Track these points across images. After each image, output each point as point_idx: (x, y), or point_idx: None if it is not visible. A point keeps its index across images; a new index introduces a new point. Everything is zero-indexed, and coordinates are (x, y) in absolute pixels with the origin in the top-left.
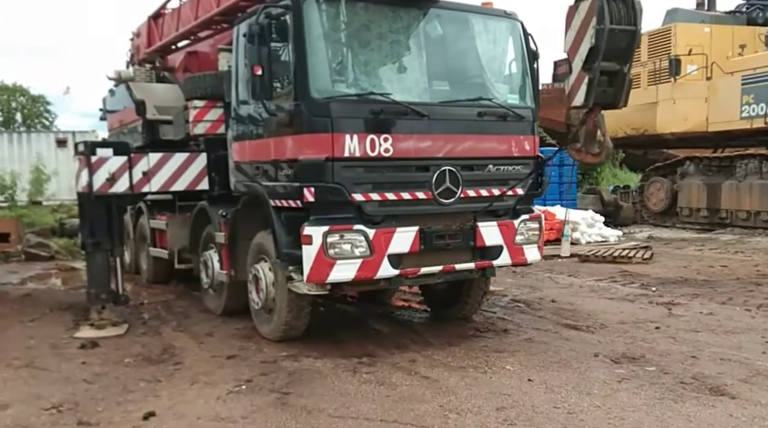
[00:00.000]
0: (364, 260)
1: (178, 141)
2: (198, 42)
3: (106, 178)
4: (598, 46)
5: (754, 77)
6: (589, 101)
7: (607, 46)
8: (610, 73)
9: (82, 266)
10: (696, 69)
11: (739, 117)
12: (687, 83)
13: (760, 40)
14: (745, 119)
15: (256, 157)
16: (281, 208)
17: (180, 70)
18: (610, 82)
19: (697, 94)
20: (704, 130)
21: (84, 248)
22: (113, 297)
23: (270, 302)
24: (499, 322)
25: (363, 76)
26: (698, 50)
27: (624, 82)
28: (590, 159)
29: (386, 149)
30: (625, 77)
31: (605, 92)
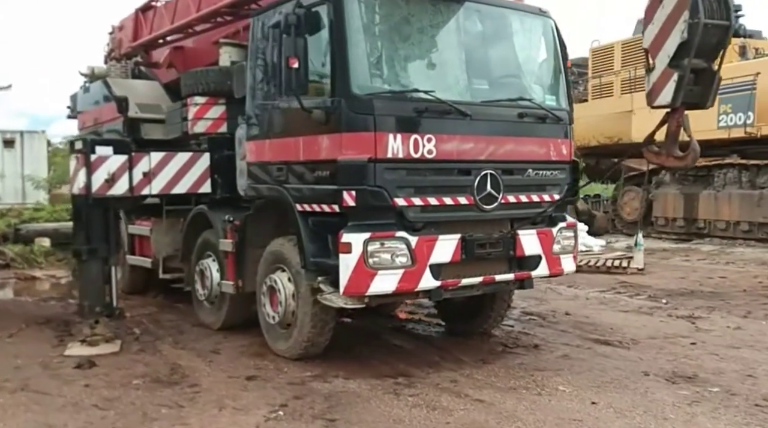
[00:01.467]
0: (406, 271)
1: (170, 141)
2: (190, 37)
3: (105, 179)
4: (691, 41)
5: (731, 87)
6: (677, 100)
7: (698, 42)
8: (697, 70)
9: (43, 275)
10: None
11: (716, 127)
12: None
13: (734, 51)
14: (722, 128)
15: (279, 157)
16: (308, 213)
17: (164, 66)
18: (697, 80)
19: None
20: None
21: (77, 255)
22: (108, 311)
23: (288, 316)
24: (523, 337)
25: (403, 72)
26: None
27: (713, 81)
28: (673, 163)
29: (429, 151)
30: (714, 75)
31: (692, 91)
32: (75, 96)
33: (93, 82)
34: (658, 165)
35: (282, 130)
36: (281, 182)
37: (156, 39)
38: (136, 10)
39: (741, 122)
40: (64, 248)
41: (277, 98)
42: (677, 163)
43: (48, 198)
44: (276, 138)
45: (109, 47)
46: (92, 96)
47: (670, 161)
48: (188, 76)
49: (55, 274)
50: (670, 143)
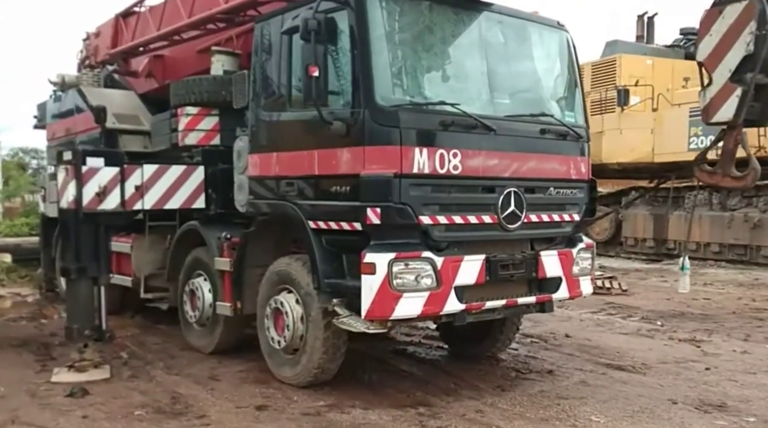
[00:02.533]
0: (432, 293)
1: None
2: (175, 44)
3: (96, 192)
4: (757, 54)
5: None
6: (739, 117)
7: (765, 55)
8: (758, 86)
9: (7, 293)
10: (640, 101)
11: (686, 148)
12: (633, 114)
13: None
14: (692, 150)
15: (288, 171)
16: (322, 231)
17: (143, 75)
18: (757, 96)
19: (643, 125)
20: (650, 160)
21: (65, 274)
22: (97, 334)
23: (296, 341)
24: (532, 361)
25: (427, 83)
26: (643, 82)
27: None
28: (729, 183)
29: (455, 166)
30: None
31: (753, 107)
32: (43, 105)
33: (64, 91)
34: (711, 185)
35: (293, 142)
36: (291, 198)
37: (138, 46)
38: (116, 15)
39: None
40: (27, 264)
41: (287, 109)
42: (735, 183)
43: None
44: (285, 151)
45: (83, 54)
46: (64, 105)
47: (726, 181)
48: (179, 85)
49: (20, 292)
50: (727, 161)
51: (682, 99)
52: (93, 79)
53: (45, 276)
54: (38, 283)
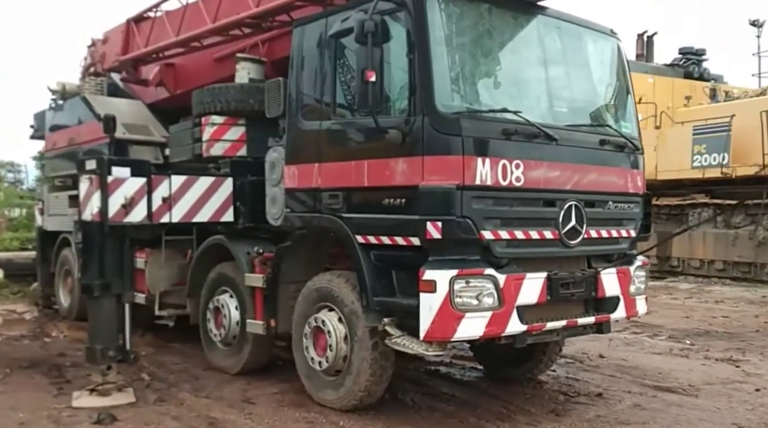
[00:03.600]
0: (494, 313)
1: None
2: (193, 51)
3: (122, 204)
4: None
5: (705, 128)
6: None
7: None
8: None
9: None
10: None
11: (690, 166)
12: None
13: (704, 93)
14: (696, 168)
15: (333, 183)
16: (370, 246)
17: (153, 84)
18: None
19: (647, 143)
20: (653, 178)
21: (87, 291)
22: (122, 355)
23: (339, 362)
24: (576, 384)
25: (486, 89)
26: (645, 99)
27: None
28: None
29: (517, 178)
30: None
31: None
32: (41, 115)
33: (67, 100)
34: None
35: (338, 152)
36: (335, 211)
37: (152, 53)
38: (127, 20)
39: (716, 162)
40: (19, 280)
41: (332, 117)
42: None
43: None
44: (329, 162)
45: (87, 61)
46: (67, 114)
47: None
48: (204, 93)
49: (15, 309)
50: None
51: (685, 117)
52: (96, 88)
53: (42, 293)
54: (34, 300)
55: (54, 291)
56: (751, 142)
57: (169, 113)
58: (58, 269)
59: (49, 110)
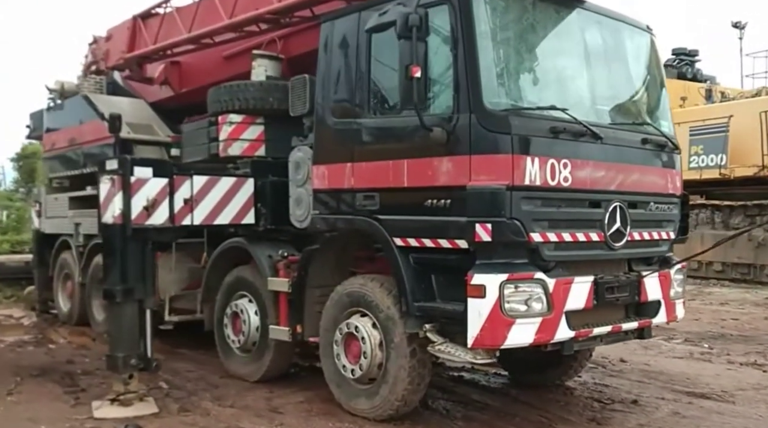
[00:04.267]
0: (544, 319)
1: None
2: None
3: (144, 205)
4: None
5: (702, 129)
6: None
7: None
8: None
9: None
10: None
11: (687, 167)
12: None
13: (700, 93)
14: (693, 169)
15: (367, 183)
16: (409, 249)
17: (158, 82)
18: None
19: None
20: None
21: (109, 297)
22: (144, 363)
23: (373, 369)
24: (606, 390)
25: (532, 86)
26: None
27: None
28: None
29: (565, 178)
30: None
31: None
32: (38, 114)
33: (66, 99)
34: None
35: (374, 152)
36: (371, 213)
37: (161, 50)
38: (134, 17)
39: (714, 163)
40: (12, 284)
41: (366, 115)
42: None
43: None
44: (364, 161)
45: (88, 59)
46: (66, 114)
47: None
48: (222, 91)
49: (11, 314)
50: None
51: (681, 118)
52: (95, 87)
53: (39, 297)
54: (31, 304)
55: (52, 296)
56: (749, 143)
57: (172, 112)
58: (57, 273)
59: (47, 110)
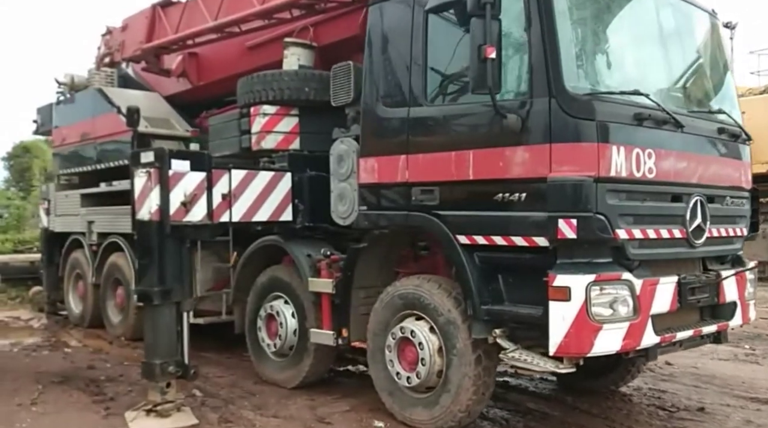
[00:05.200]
0: (631, 324)
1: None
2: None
3: (181, 201)
4: None
5: None
6: None
7: None
8: None
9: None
10: None
11: None
12: None
13: None
14: None
15: (426, 177)
16: (473, 247)
17: (176, 74)
18: None
19: None
20: None
21: (145, 300)
22: (182, 370)
23: (432, 378)
24: (664, 396)
25: (611, 69)
26: None
27: None
28: None
29: (650, 169)
30: None
31: None
32: (47, 108)
33: (76, 92)
34: None
35: (434, 142)
36: (429, 208)
37: (182, 40)
38: (153, 5)
39: None
40: (17, 284)
41: (423, 103)
42: None
43: None
44: (421, 153)
45: (101, 51)
46: (78, 107)
47: None
48: (254, 81)
49: (19, 315)
50: None
51: None
52: (106, 80)
53: (48, 298)
54: (38, 306)
55: (61, 297)
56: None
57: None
58: (68, 274)
59: (57, 104)
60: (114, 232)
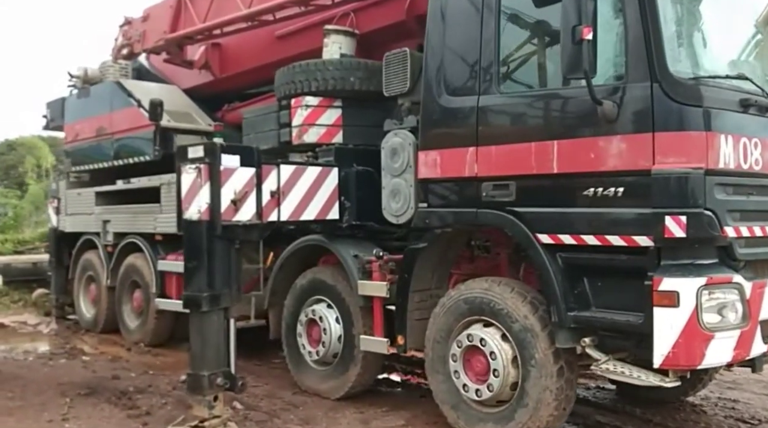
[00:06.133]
0: (741, 332)
1: None
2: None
3: (231, 199)
4: None
5: None
6: None
7: None
8: None
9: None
10: None
11: None
12: None
13: None
14: None
15: (500, 170)
16: (556, 247)
17: (199, 66)
18: None
19: None
20: None
21: (193, 306)
22: (230, 382)
23: (505, 390)
24: (738, 406)
25: (712, 51)
26: None
27: None
28: None
29: (756, 160)
30: None
31: None
32: (58, 103)
33: (91, 85)
34: None
35: (510, 132)
36: (503, 205)
37: (211, 29)
38: None
39: None
40: (19, 286)
41: (495, 90)
42: None
43: None
44: (494, 144)
45: (119, 42)
46: (94, 101)
47: None
48: (295, 71)
49: (26, 320)
50: None
51: None
52: (121, 72)
53: (56, 302)
54: (45, 309)
55: (70, 300)
56: None
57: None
58: (78, 276)
59: (69, 98)
60: (132, 232)
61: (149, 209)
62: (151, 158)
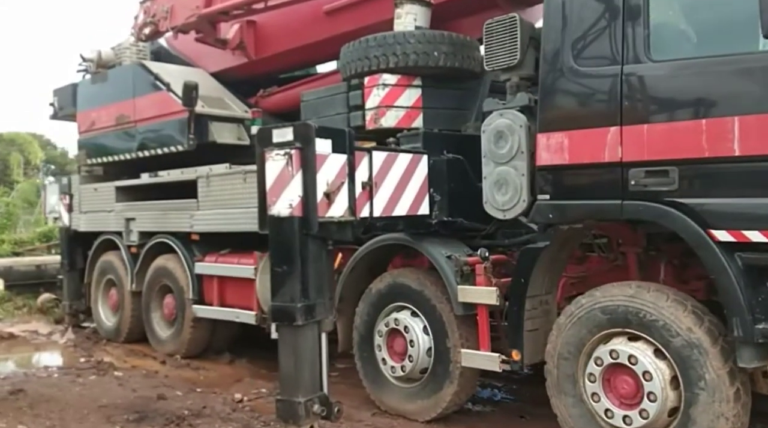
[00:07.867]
0: None
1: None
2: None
3: (324, 191)
4: None
5: None
6: None
7: None
8: None
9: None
10: None
11: None
12: None
13: None
14: None
15: (656, 154)
16: (734, 246)
17: (233, 46)
18: None
19: None
20: None
21: (285, 318)
22: (326, 409)
23: (662, 418)
24: None
25: None
26: None
27: None
28: None
29: None
30: None
31: None
32: (68, 89)
33: (110, 69)
34: None
35: (667, 107)
36: (659, 195)
37: (250, 3)
38: None
39: None
40: (21, 291)
41: (649, 57)
42: None
43: None
44: (646, 123)
45: (141, 20)
46: (112, 86)
47: None
48: (369, 45)
49: (36, 329)
50: None
51: None
52: (138, 55)
53: (70, 309)
54: (57, 316)
55: (84, 306)
56: None
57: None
58: (96, 280)
59: (82, 83)
60: (162, 231)
61: (184, 205)
62: (184, 148)
